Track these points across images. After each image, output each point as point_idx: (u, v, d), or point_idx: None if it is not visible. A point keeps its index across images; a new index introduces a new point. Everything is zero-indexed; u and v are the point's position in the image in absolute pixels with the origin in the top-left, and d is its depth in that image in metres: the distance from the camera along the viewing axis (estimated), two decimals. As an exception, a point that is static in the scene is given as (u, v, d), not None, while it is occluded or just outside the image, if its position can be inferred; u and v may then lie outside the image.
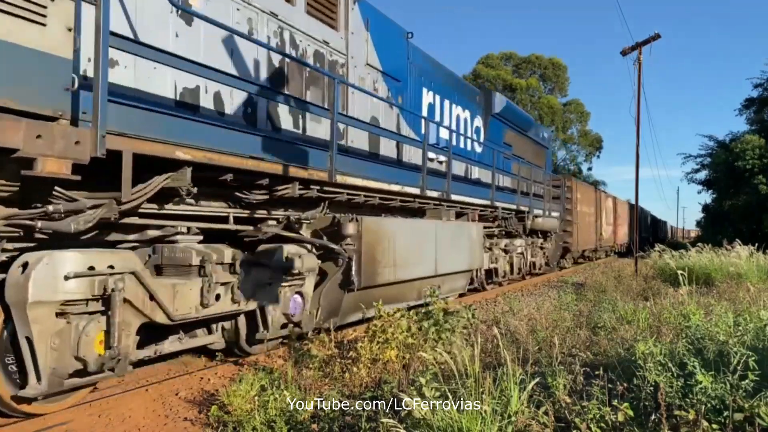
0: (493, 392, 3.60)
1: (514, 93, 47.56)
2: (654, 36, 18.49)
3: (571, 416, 3.52)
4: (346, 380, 5.38)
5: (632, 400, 3.77)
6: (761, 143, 30.39)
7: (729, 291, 10.14)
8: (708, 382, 3.60)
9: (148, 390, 5.56)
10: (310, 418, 4.30)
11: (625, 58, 19.29)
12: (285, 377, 5.23)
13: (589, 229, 26.96)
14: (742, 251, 14.62)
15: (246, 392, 4.67)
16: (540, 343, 5.94)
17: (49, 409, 4.69)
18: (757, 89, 34.61)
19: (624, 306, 8.06)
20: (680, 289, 8.28)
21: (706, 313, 6.29)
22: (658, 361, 4.04)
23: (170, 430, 4.63)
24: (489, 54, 51.27)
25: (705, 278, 12.82)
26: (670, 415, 3.34)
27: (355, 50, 8.40)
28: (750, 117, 35.45)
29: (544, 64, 51.05)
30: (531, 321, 7.25)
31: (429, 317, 6.18)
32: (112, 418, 4.82)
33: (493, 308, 10.52)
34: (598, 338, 6.27)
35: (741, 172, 30.52)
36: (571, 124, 51.79)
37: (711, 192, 37.41)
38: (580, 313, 8.46)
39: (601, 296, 10.48)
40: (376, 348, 5.68)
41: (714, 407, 3.49)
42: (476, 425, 3.32)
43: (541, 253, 18.20)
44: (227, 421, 4.41)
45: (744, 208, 30.46)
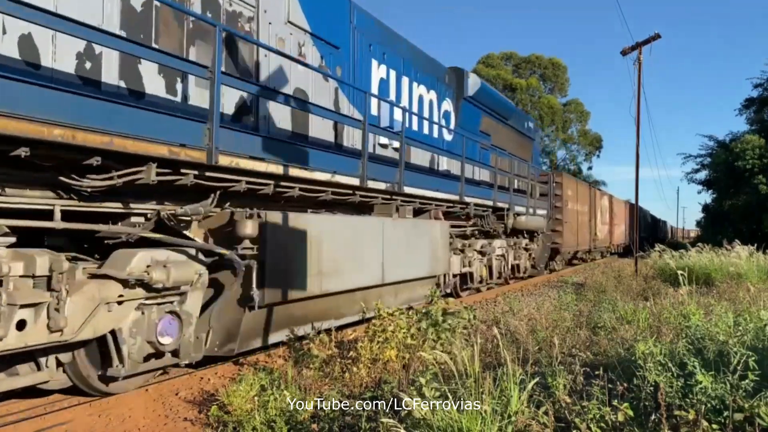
0: (493, 392, 3.60)
1: (514, 93, 47.57)
2: (654, 36, 18.49)
3: (571, 416, 3.52)
4: (346, 380, 5.38)
5: (632, 400, 3.77)
6: (761, 143, 30.40)
7: (729, 291, 10.14)
8: (708, 382, 3.60)
9: (148, 390, 5.56)
10: (310, 418, 4.30)
11: (625, 58, 19.30)
12: (285, 377, 5.23)
13: (582, 228, 25.41)
14: (742, 251, 14.62)
15: (246, 392, 4.67)
16: (540, 343, 5.94)
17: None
18: (757, 89, 34.67)
19: (624, 306, 8.05)
20: (680, 289, 8.27)
21: (706, 313, 6.29)
22: (658, 361, 4.04)
23: (170, 430, 4.63)
24: (489, 54, 51.36)
25: (705, 278, 12.82)
26: (670, 415, 3.34)
27: (270, 1, 6.89)
28: (750, 117, 35.47)
29: (544, 64, 51.06)
30: (531, 321, 7.25)
31: (428, 317, 6.18)
32: (112, 418, 4.82)
33: (493, 308, 10.52)
34: (598, 338, 6.27)
35: (741, 172, 30.52)
36: (570, 123, 51.80)
37: (711, 192, 37.43)
38: (580, 313, 8.46)
39: (601, 296, 10.48)
40: (376, 348, 5.68)
41: (714, 407, 3.49)
42: (476, 425, 3.32)
43: (525, 255, 16.70)
44: (227, 421, 4.41)
45: (744, 208, 30.46)
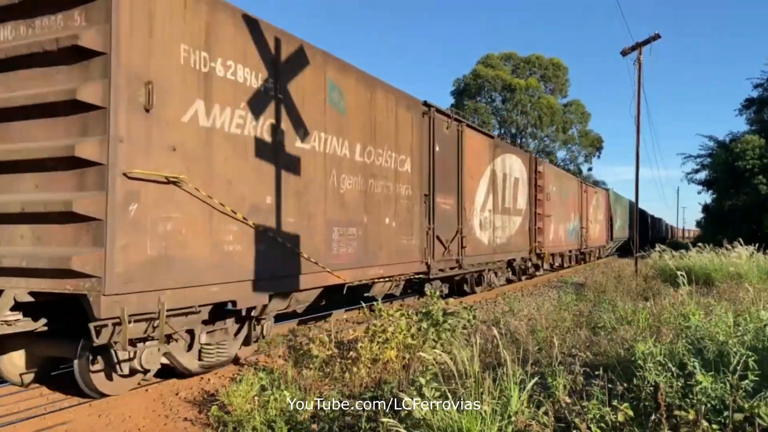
0: (493, 392, 3.60)
1: (514, 93, 47.54)
2: (654, 36, 18.48)
3: (571, 416, 3.52)
4: (346, 380, 5.37)
5: (632, 400, 3.77)
6: (761, 143, 30.41)
7: (729, 291, 10.13)
8: (708, 382, 3.60)
9: (148, 390, 5.56)
10: (310, 418, 4.30)
11: (625, 58, 19.28)
12: (285, 377, 5.23)
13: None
14: (743, 251, 14.60)
15: (246, 392, 4.67)
16: (540, 343, 5.94)
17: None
18: (757, 89, 34.71)
19: (624, 306, 8.05)
20: (680, 289, 8.27)
21: (705, 313, 6.29)
22: (657, 361, 4.03)
23: (170, 430, 4.63)
24: (489, 54, 51.26)
25: (705, 278, 12.81)
26: (670, 415, 3.34)
27: None
28: (750, 117, 35.50)
29: (545, 64, 51.01)
30: (531, 321, 7.25)
31: (428, 317, 6.18)
32: (112, 418, 4.82)
33: (493, 308, 10.52)
34: (598, 338, 6.26)
35: (741, 172, 30.53)
36: (571, 124, 51.75)
37: (711, 192, 37.44)
38: (580, 313, 8.46)
39: (601, 296, 10.47)
40: (376, 348, 5.68)
41: (714, 407, 3.49)
42: (476, 425, 3.32)
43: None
44: (227, 421, 4.41)
45: (744, 208, 30.46)
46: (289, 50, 6.78)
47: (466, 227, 11.88)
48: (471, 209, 12.41)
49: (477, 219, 12.84)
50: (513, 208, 15.89)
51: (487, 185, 13.63)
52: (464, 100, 48.74)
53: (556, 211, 20.38)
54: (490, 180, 13.80)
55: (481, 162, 13.22)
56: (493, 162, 14.11)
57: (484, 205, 13.37)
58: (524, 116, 48.53)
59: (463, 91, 49.64)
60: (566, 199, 22.55)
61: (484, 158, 13.53)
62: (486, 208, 13.56)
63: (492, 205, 14.01)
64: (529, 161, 17.71)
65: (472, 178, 12.60)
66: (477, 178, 12.93)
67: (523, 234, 16.86)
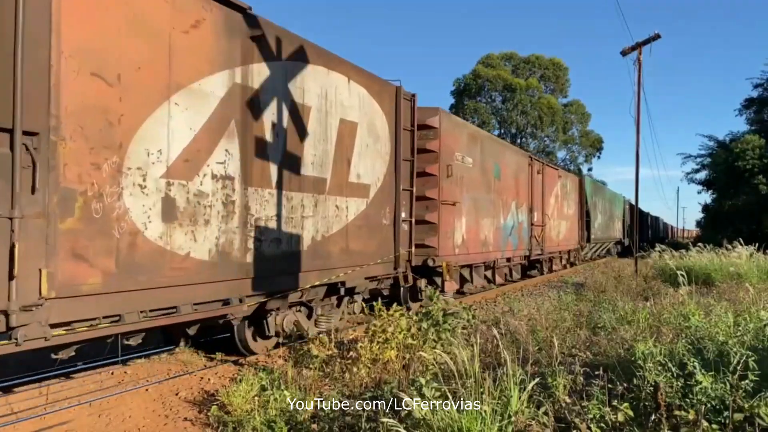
0: (493, 392, 3.60)
1: (514, 93, 47.53)
2: (654, 36, 18.47)
3: (571, 416, 3.52)
4: (346, 380, 5.37)
5: (632, 400, 3.77)
6: (761, 143, 30.44)
7: (729, 291, 10.14)
8: (708, 382, 3.60)
9: (148, 390, 5.56)
10: (310, 418, 4.30)
11: (625, 58, 19.27)
12: (285, 377, 5.23)
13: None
14: (743, 251, 14.60)
15: (246, 392, 4.67)
16: (540, 343, 5.94)
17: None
18: (757, 89, 34.79)
19: (624, 306, 8.05)
20: (680, 289, 8.26)
21: (705, 313, 6.29)
22: (657, 361, 4.03)
23: (170, 430, 4.63)
24: (489, 54, 51.26)
25: (705, 278, 12.81)
26: (670, 415, 3.34)
27: None
28: (750, 117, 35.56)
29: (545, 64, 51.00)
30: (531, 321, 7.25)
31: (429, 318, 6.18)
32: (112, 418, 4.82)
33: (493, 308, 10.52)
34: (598, 338, 6.26)
35: (741, 172, 30.55)
36: (571, 124, 51.74)
37: (711, 192, 37.46)
38: (580, 313, 8.46)
39: (601, 296, 10.48)
40: (376, 348, 5.68)
41: (714, 407, 3.49)
42: (476, 425, 3.32)
43: None
44: (227, 421, 4.41)
45: (744, 208, 30.49)
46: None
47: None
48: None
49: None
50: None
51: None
52: (464, 99, 48.75)
53: (473, 196, 12.67)
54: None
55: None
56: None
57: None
58: (524, 116, 48.51)
59: (463, 90, 49.63)
60: (499, 181, 14.58)
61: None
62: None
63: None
64: (395, 94, 9.52)
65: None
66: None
67: (380, 236, 9.08)
